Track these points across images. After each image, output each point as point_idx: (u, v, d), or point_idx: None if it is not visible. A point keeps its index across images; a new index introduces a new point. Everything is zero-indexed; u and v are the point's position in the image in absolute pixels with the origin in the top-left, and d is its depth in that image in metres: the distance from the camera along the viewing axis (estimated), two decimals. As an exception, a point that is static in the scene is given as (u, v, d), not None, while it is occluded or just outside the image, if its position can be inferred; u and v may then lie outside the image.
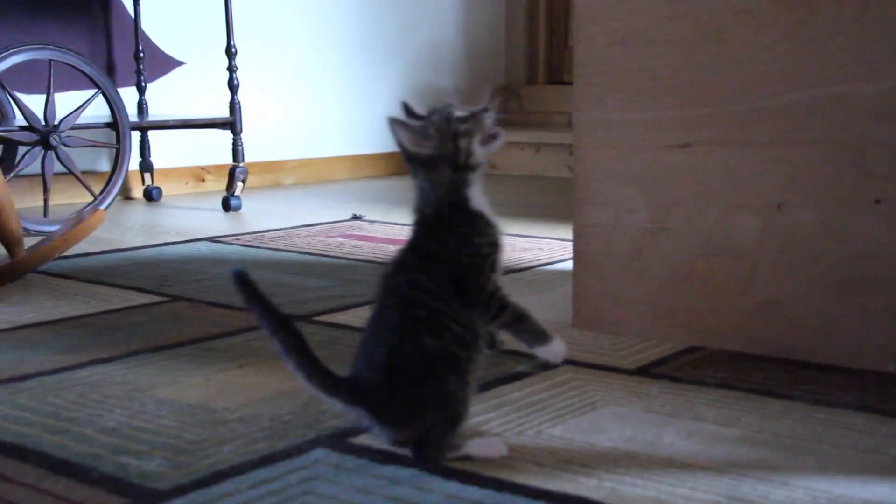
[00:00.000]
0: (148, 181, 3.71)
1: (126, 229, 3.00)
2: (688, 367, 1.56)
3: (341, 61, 4.40)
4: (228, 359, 1.61)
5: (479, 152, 1.19)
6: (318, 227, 3.00)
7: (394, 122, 1.18)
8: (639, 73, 1.72)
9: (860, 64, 1.51)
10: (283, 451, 1.20)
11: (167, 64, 3.81)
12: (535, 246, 2.66)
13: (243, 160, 3.49)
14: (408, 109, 1.22)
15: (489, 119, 1.21)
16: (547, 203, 3.57)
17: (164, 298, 2.05)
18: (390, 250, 2.59)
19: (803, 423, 1.31)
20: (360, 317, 1.87)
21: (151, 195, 3.68)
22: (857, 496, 1.08)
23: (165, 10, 3.76)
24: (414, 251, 1.18)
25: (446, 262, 1.15)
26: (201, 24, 3.80)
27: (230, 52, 3.46)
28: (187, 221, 3.16)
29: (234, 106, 3.47)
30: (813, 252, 1.58)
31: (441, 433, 1.15)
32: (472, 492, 1.08)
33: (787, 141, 1.58)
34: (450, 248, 1.16)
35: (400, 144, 1.19)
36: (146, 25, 3.71)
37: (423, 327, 1.12)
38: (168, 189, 3.81)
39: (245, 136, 3.66)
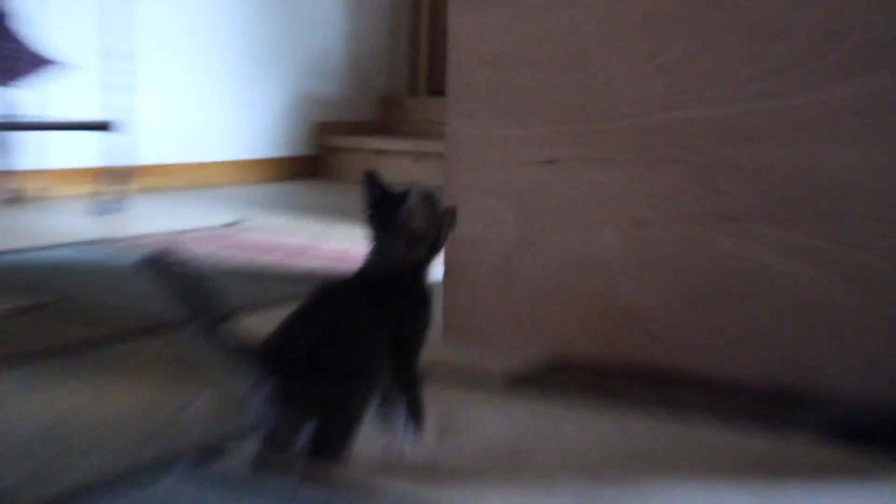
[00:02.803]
0: (17, 183, 3.57)
1: (7, 232, 2.88)
2: (552, 378, 1.56)
3: (228, 68, 4.33)
4: (104, 363, 1.55)
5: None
6: (194, 233, 2.94)
7: (417, 196, 1.19)
8: (508, 92, 1.72)
9: (707, 90, 1.55)
10: (150, 466, 1.16)
11: (41, 62, 3.66)
12: (411, 254, 2.65)
13: (126, 163, 3.40)
14: (374, 179, 1.22)
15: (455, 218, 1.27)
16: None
17: (38, 302, 1.97)
18: (267, 259, 2.55)
19: (662, 435, 1.33)
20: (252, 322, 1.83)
21: (20, 197, 3.54)
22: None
23: (42, 7, 3.64)
24: (366, 290, 1.19)
25: (393, 317, 1.18)
26: (80, 22, 3.67)
27: (111, 53, 3.37)
28: (58, 225, 3.07)
29: (113, 108, 3.38)
30: (671, 268, 1.60)
31: (336, 438, 1.13)
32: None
33: (645, 160, 1.61)
34: (398, 312, 1.18)
35: (408, 217, 1.19)
36: (26, 25, 3.58)
37: (355, 338, 1.13)
38: (39, 191, 3.66)
39: (126, 138, 3.56)
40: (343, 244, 2.78)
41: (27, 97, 3.56)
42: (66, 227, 3.03)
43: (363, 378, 1.14)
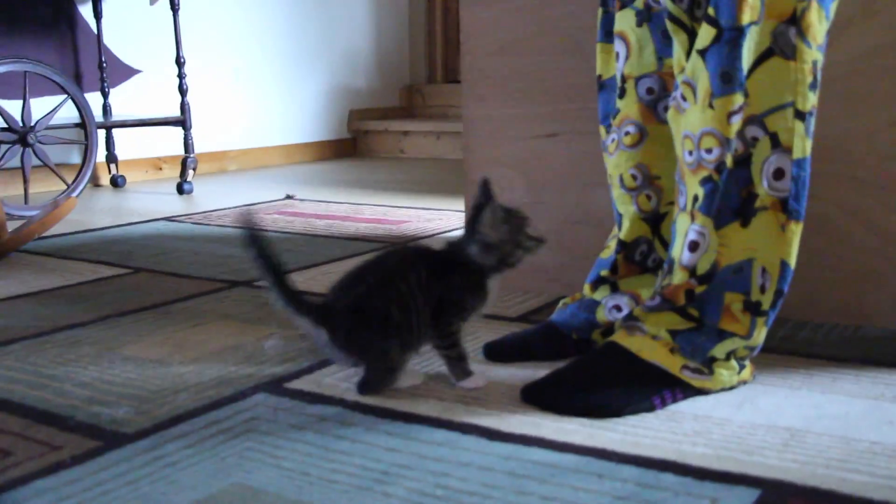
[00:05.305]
0: (113, 171, 3.61)
1: (95, 212, 2.91)
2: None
3: (274, 65, 4.32)
4: (183, 320, 1.58)
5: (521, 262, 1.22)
6: (257, 206, 2.95)
7: (487, 196, 1.19)
8: (514, 77, 1.72)
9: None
10: (229, 396, 1.19)
11: (126, 72, 3.69)
12: (436, 217, 2.66)
13: (193, 151, 3.41)
14: (486, 185, 1.22)
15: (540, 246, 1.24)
16: (446, 181, 3.57)
17: (128, 270, 2.00)
18: (319, 224, 2.57)
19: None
20: (294, 281, 1.85)
21: (117, 182, 3.58)
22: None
23: (124, 26, 3.64)
24: (431, 258, 1.19)
25: (443, 287, 1.17)
26: (155, 38, 3.68)
27: (179, 62, 3.37)
28: (147, 204, 3.08)
29: (184, 107, 3.38)
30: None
31: (377, 378, 1.17)
32: (385, 424, 1.09)
33: (633, 130, 1.60)
34: (449, 283, 1.18)
35: (482, 227, 1.18)
36: (107, 40, 3.59)
37: (396, 298, 1.14)
38: (131, 177, 3.71)
39: (194, 131, 3.59)
40: (379, 211, 2.80)
41: (112, 100, 3.58)
42: (152, 205, 3.05)
43: (399, 331, 1.14)
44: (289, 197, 3.13)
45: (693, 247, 1.15)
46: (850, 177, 1.45)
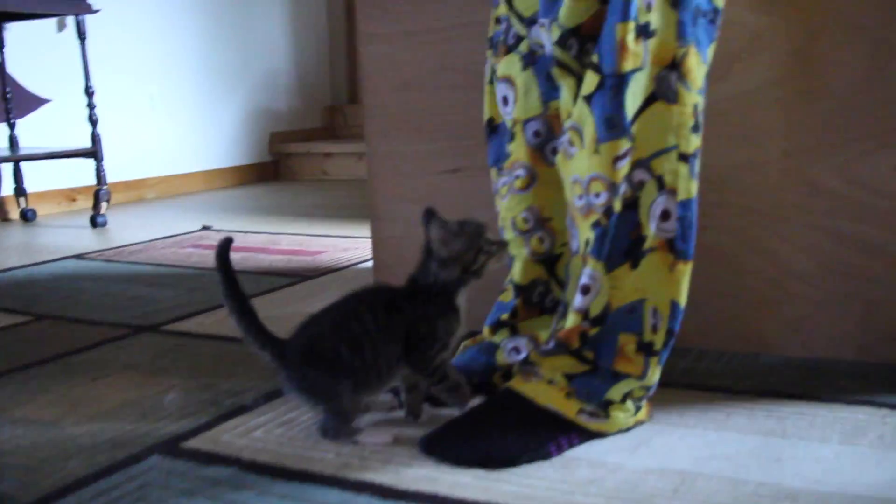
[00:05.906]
0: (23, 204, 3.51)
1: (1, 251, 2.82)
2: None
3: (191, 90, 4.26)
4: (83, 372, 1.53)
5: (487, 268, 1.19)
6: (172, 239, 2.89)
7: (431, 217, 1.16)
8: (417, 113, 1.72)
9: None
10: (122, 461, 1.15)
11: (34, 102, 3.60)
12: (353, 245, 2.65)
13: (106, 183, 3.33)
14: (429, 211, 1.18)
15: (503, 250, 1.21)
16: (365, 204, 3.54)
17: (31, 318, 1.93)
18: (233, 257, 2.53)
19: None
20: (201, 324, 1.82)
21: (27, 217, 3.48)
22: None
23: (30, 55, 3.55)
24: (388, 297, 1.18)
25: (408, 321, 1.15)
26: (64, 66, 3.59)
27: (88, 92, 3.30)
28: (58, 240, 3.00)
29: (94, 137, 3.30)
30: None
31: (332, 420, 1.16)
32: (279, 485, 1.07)
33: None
34: (414, 314, 1.16)
35: (427, 238, 1.17)
36: (12, 69, 3.50)
37: (348, 339, 1.13)
38: (43, 210, 3.61)
39: (110, 160, 3.51)
40: (296, 241, 2.77)
41: (21, 131, 3.48)
42: (64, 241, 2.97)
43: (350, 371, 1.13)
44: (205, 228, 3.07)
45: (585, 290, 1.16)
46: (743, 207, 1.48)
